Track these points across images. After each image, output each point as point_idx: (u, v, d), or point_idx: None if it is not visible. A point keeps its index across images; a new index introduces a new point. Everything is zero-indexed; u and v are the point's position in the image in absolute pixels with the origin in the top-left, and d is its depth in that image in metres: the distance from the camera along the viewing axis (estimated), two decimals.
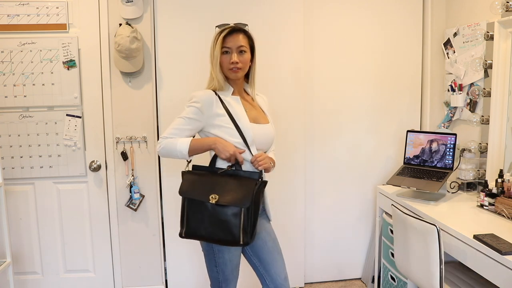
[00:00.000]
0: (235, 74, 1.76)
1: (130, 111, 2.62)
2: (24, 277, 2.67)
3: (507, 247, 1.61)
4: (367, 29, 2.81)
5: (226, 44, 1.73)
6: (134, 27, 2.48)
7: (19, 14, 2.46)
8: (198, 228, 1.66)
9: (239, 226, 1.62)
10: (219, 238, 1.65)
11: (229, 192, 1.65)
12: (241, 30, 1.76)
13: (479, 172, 2.42)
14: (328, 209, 2.93)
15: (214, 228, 1.64)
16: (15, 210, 2.61)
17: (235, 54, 1.72)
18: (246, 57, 1.76)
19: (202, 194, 1.66)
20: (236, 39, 1.74)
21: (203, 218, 1.65)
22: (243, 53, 1.75)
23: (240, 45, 1.73)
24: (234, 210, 1.62)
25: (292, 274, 2.88)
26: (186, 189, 1.71)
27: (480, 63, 2.39)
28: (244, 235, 1.62)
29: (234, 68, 1.73)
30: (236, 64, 1.73)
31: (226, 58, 1.74)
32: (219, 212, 1.63)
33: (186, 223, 1.69)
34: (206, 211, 1.64)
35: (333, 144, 2.88)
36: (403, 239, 1.98)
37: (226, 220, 1.62)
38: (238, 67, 1.73)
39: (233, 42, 1.73)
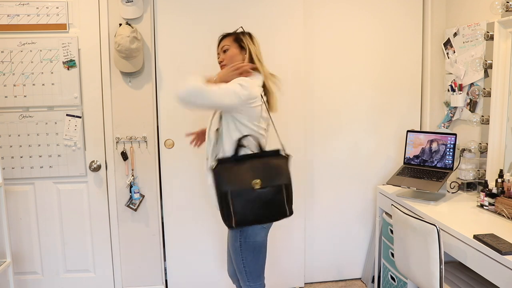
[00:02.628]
0: None
1: (130, 111, 2.62)
2: (24, 277, 2.67)
3: (507, 247, 1.61)
4: (367, 29, 2.81)
5: (217, 51, 2.02)
6: (134, 27, 2.48)
7: (19, 14, 2.46)
8: (247, 214, 1.75)
9: (283, 200, 1.80)
10: (268, 217, 1.81)
11: (267, 174, 1.77)
12: (224, 36, 2.01)
13: (479, 172, 2.42)
14: (328, 209, 2.93)
15: (262, 210, 1.76)
16: (15, 210, 2.61)
17: (220, 54, 1.98)
18: (229, 53, 1.94)
19: (245, 183, 1.74)
20: (222, 43, 1.99)
21: (249, 204, 1.74)
22: (226, 52, 1.95)
23: (222, 46, 1.97)
24: (276, 189, 1.78)
25: (292, 274, 2.89)
26: (228, 182, 1.76)
27: (480, 63, 2.39)
28: (289, 207, 1.83)
29: (222, 66, 1.97)
30: (221, 62, 1.97)
31: None
32: (263, 194, 1.75)
33: (233, 214, 1.74)
34: (252, 197, 1.74)
35: (333, 144, 2.88)
36: (403, 239, 1.98)
37: (272, 199, 1.77)
38: (223, 64, 1.96)
39: (218, 48, 2.01)
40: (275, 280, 2.82)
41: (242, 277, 1.91)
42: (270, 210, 1.78)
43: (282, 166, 1.84)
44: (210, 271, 2.78)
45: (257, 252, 1.88)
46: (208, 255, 2.77)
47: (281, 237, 2.80)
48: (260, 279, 1.93)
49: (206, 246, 2.76)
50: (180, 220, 2.73)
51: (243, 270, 1.88)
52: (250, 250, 1.86)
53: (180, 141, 2.66)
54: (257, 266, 1.90)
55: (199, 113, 2.62)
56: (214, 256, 2.77)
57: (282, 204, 1.80)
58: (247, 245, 1.85)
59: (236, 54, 1.94)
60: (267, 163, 1.81)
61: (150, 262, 2.76)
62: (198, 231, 2.74)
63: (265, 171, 1.78)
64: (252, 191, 1.74)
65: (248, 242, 1.85)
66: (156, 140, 2.67)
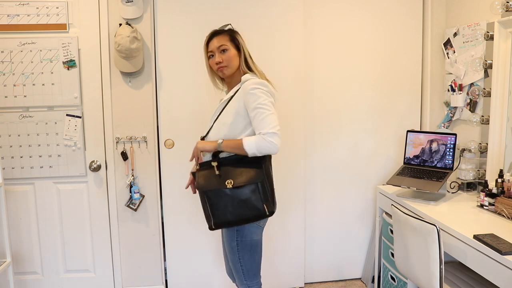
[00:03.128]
0: (223, 73, 1.88)
1: (130, 111, 2.62)
2: (24, 277, 2.67)
3: (507, 247, 1.61)
4: (367, 29, 2.81)
5: (209, 49, 1.90)
6: (134, 27, 2.48)
7: (19, 14, 2.46)
8: (224, 215, 1.76)
9: (260, 199, 1.76)
10: (247, 217, 1.77)
11: (241, 174, 1.76)
12: (220, 32, 1.90)
13: (479, 172, 2.42)
14: (328, 209, 2.93)
15: (239, 209, 1.75)
16: (15, 210, 2.61)
17: (218, 55, 1.86)
18: (229, 54, 1.86)
19: (218, 184, 1.76)
20: (216, 41, 1.87)
21: (225, 204, 1.75)
22: (225, 52, 1.86)
23: (220, 45, 1.86)
24: (251, 188, 1.75)
25: (292, 274, 2.89)
26: (202, 184, 1.79)
27: (480, 63, 2.39)
28: (268, 206, 1.77)
29: (220, 67, 1.87)
30: (220, 63, 1.86)
31: (212, 61, 1.89)
32: (238, 194, 1.75)
33: (212, 215, 1.77)
34: (227, 197, 1.75)
35: (333, 144, 2.88)
36: (403, 239, 1.98)
37: (247, 199, 1.75)
38: (222, 66, 1.86)
39: (213, 45, 1.87)
40: (275, 280, 2.82)
41: (239, 276, 1.91)
42: (248, 210, 1.75)
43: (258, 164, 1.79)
44: (210, 271, 2.79)
45: (254, 250, 1.88)
46: (208, 255, 2.77)
47: (281, 237, 2.80)
48: (256, 278, 1.93)
49: (206, 246, 2.76)
50: (180, 220, 2.73)
51: (240, 269, 1.88)
52: (247, 249, 1.86)
53: (180, 141, 2.66)
54: (254, 265, 1.90)
55: (200, 114, 2.64)
56: (214, 256, 2.77)
57: (259, 203, 1.76)
58: (244, 244, 1.85)
59: (235, 56, 1.87)
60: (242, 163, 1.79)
61: (150, 262, 2.76)
62: (198, 231, 2.74)
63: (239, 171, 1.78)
64: (227, 190, 1.75)
65: (245, 241, 1.85)
66: (156, 140, 2.67)
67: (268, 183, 1.80)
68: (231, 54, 1.86)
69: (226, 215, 1.76)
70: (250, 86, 1.76)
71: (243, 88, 1.80)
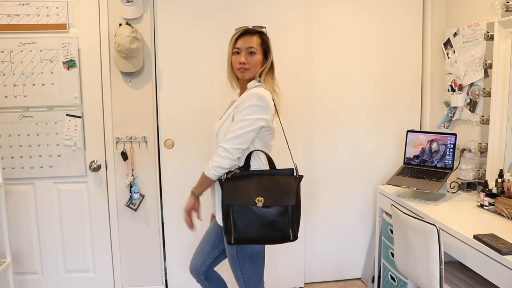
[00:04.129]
0: (242, 74, 1.79)
1: (130, 111, 2.62)
2: (24, 277, 2.67)
3: (507, 247, 1.61)
4: (367, 29, 2.81)
5: (237, 45, 1.79)
6: (134, 27, 2.48)
7: (19, 14, 2.46)
8: (247, 232, 1.66)
9: (287, 223, 1.67)
10: (269, 238, 1.69)
11: (273, 192, 1.68)
12: (254, 32, 1.80)
13: (479, 172, 2.42)
14: (328, 209, 2.93)
15: (264, 229, 1.66)
16: (15, 210, 2.61)
17: (244, 54, 1.77)
18: (255, 58, 1.78)
19: (247, 198, 1.66)
20: (247, 40, 1.78)
21: (250, 221, 1.65)
22: (252, 54, 1.78)
23: (250, 46, 1.77)
24: (280, 209, 1.66)
25: (292, 274, 2.89)
26: (230, 196, 1.68)
27: (480, 63, 2.39)
28: (293, 230, 1.68)
29: (242, 68, 1.77)
30: (244, 65, 1.77)
31: (236, 58, 1.80)
32: (266, 213, 1.65)
33: (233, 229, 1.66)
34: (254, 214, 1.65)
35: (333, 144, 2.88)
36: (403, 239, 1.98)
37: (275, 220, 1.66)
38: (245, 68, 1.77)
39: (243, 43, 1.78)
40: (275, 280, 2.82)
41: (240, 284, 1.85)
42: (272, 232, 1.67)
43: (290, 186, 1.70)
44: None
45: (255, 259, 1.81)
46: None
47: None
48: (258, 286, 1.86)
49: None
50: (180, 220, 2.71)
51: (241, 277, 1.82)
52: (247, 258, 1.79)
53: (180, 141, 2.66)
54: (255, 274, 1.84)
55: (199, 114, 2.63)
56: None
57: (285, 227, 1.67)
58: (244, 253, 1.79)
59: (260, 62, 1.79)
60: (274, 181, 1.72)
61: (150, 262, 2.76)
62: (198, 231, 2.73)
63: (271, 189, 1.69)
64: (255, 208, 1.65)
65: (245, 250, 1.78)
66: (156, 140, 2.67)
67: (297, 206, 1.71)
68: (257, 59, 1.79)
69: (249, 233, 1.66)
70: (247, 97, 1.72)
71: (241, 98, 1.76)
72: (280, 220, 1.66)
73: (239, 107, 1.73)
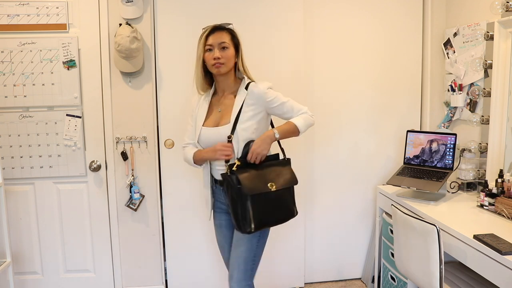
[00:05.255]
0: (218, 70, 1.83)
1: (130, 111, 2.62)
2: (24, 277, 2.67)
3: (507, 247, 1.61)
4: (367, 29, 2.81)
5: (208, 42, 1.83)
6: (134, 27, 2.48)
7: (19, 14, 2.46)
8: (265, 218, 1.78)
9: (292, 201, 1.88)
10: (282, 218, 1.85)
11: (279, 176, 1.83)
12: (222, 28, 1.86)
13: (479, 172, 2.42)
14: (328, 209, 2.93)
15: (277, 211, 1.82)
16: (15, 210, 2.61)
17: (217, 50, 1.82)
18: (228, 53, 1.83)
19: (261, 186, 1.77)
20: (218, 36, 1.83)
21: (267, 206, 1.77)
22: (225, 49, 1.83)
23: (222, 41, 1.82)
24: (288, 191, 1.85)
25: (292, 274, 2.89)
26: (249, 187, 1.74)
27: (480, 63, 2.39)
28: (295, 207, 1.90)
29: (217, 64, 1.81)
30: (218, 60, 1.81)
31: (209, 55, 1.84)
32: (279, 196, 1.81)
33: (252, 217, 1.74)
34: (268, 199, 1.77)
35: (333, 144, 2.88)
36: (403, 239, 1.98)
37: (285, 200, 1.84)
38: (220, 62, 1.81)
39: (214, 39, 1.83)
40: (275, 280, 2.82)
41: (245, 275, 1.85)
42: (283, 211, 1.83)
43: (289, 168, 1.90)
44: (210, 271, 2.78)
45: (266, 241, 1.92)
46: (208, 255, 2.77)
47: (281, 237, 2.80)
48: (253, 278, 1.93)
49: (206, 246, 2.75)
50: (180, 220, 2.73)
51: (251, 267, 1.86)
52: (262, 247, 1.89)
53: (180, 141, 2.66)
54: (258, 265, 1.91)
55: None
56: (214, 256, 2.77)
57: (291, 205, 1.87)
58: (264, 238, 1.89)
59: (233, 56, 1.87)
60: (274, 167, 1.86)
61: (150, 262, 2.76)
62: (198, 231, 2.74)
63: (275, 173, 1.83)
64: (270, 194, 1.77)
65: (265, 235, 1.89)
66: (156, 140, 2.67)
67: None
68: (230, 53, 1.84)
69: (267, 218, 1.79)
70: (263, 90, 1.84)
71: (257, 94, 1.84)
72: (288, 199, 1.85)
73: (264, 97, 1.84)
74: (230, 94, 1.90)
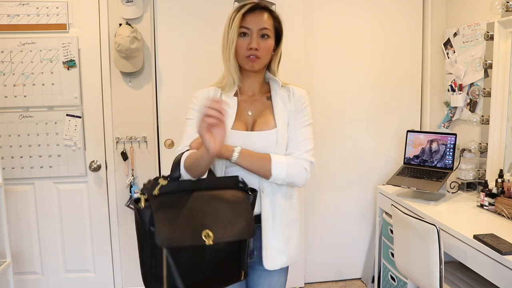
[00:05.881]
0: (252, 64, 1.34)
1: (130, 111, 2.62)
2: (24, 277, 2.67)
3: (507, 247, 1.61)
4: (367, 29, 2.81)
5: (245, 23, 1.32)
6: (134, 27, 2.48)
7: (19, 14, 2.46)
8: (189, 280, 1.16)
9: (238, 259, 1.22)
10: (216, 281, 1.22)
11: (223, 220, 1.17)
12: (266, 9, 1.37)
13: (479, 172, 2.42)
14: (328, 209, 2.93)
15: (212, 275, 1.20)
16: (15, 210, 2.61)
17: (255, 38, 1.32)
18: (269, 44, 1.35)
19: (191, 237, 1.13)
20: (260, 18, 1.33)
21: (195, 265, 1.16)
22: (265, 38, 1.34)
23: (263, 27, 1.33)
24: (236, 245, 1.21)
25: (292, 274, 2.88)
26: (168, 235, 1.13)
27: (480, 63, 2.39)
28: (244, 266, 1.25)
29: (252, 56, 1.32)
30: (256, 51, 1.32)
31: (243, 42, 1.33)
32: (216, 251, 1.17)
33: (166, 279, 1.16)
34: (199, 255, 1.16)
35: (333, 144, 2.88)
36: (403, 239, 1.98)
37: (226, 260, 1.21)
38: (257, 55, 1.32)
39: (254, 22, 1.32)
40: None
41: None
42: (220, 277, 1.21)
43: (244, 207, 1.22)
44: None
45: None
46: None
47: None
48: None
49: None
50: None
51: None
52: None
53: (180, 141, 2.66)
54: None
55: None
56: None
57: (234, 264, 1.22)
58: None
59: (271, 49, 1.38)
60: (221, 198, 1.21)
61: None
62: None
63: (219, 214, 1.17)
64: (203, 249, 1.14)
65: None
66: (156, 140, 2.67)
67: None
68: (270, 44, 1.36)
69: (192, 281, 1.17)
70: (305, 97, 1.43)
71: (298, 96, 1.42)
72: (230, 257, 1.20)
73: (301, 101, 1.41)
74: (262, 96, 1.44)
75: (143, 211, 1.18)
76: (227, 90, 1.40)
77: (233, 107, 1.38)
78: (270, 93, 1.44)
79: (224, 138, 1.14)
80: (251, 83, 1.43)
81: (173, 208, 1.16)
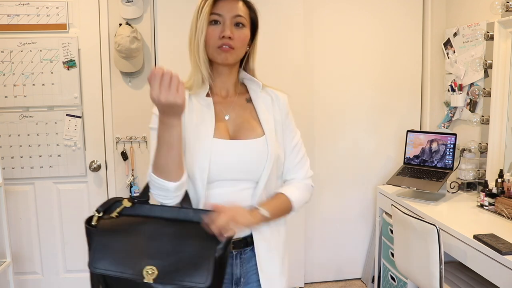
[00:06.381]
0: (225, 55, 1.15)
1: (130, 111, 2.62)
2: (24, 277, 2.67)
3: (507, 247, 1.61)
4: (367, 29, 2.81)
5: (217, 10, 1.15)
6: (134, 27, 2.48)
7: (19, 14, 2.46)
8: None
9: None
10: None
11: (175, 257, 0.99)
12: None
13: (479, 172, 2.42)
14: (328, 209, 2.92)
15: None
16: (15, 210, 2.61)
17: (229, 25, 1.15)
18: (244, 34, 1.18)
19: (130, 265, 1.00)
20: (233, 5, 1.16)
21: None
22: (240, 27, 1.17)
23: (238, 14, 1.16)
24: None
25: (292, 274, 2.88)
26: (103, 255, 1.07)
27: (480, 63, 2.39)
28: None
29: (225, 46, 1.14)
30: (229, 40, 1.13)
31: (214, 30, 1.15)
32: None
33: None
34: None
35: (333, 144, 2.88)
36: (403, 239, 1.98)
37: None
38: (230, 45, 1.14)
39: (227, 8, 1.15)
40: None
41: None
42: None
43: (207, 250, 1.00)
44: None
45: None
46: None
47: None
48: None
49: None
50: None
51: None
52: None
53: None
54: None
55: None
56: None
57: None
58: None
59: (247, 40, 1.20)
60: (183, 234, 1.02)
61: None
62: None
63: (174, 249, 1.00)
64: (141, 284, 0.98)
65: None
66: None
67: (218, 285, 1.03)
68: (246, 34, 1.19)
69: None
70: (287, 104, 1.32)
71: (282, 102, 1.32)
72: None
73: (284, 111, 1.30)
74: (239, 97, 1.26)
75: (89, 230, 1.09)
76: (195, 90, 1.20)
77: (209, 110, 1.18)
78: (247, 94, 1.27)
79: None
80: (224, 81, 1.23)
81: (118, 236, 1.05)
